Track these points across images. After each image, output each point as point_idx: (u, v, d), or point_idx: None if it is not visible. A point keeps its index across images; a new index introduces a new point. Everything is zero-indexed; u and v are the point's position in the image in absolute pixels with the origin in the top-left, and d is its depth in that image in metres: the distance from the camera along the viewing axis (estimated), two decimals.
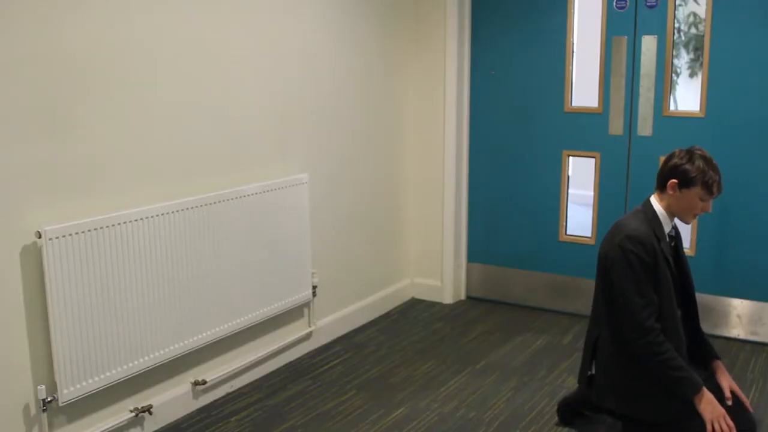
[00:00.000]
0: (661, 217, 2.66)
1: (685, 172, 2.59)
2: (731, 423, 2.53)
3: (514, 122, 4.21)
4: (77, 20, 2.51)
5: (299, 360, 3.60)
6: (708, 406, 2.54)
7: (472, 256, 4.48)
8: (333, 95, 3.71)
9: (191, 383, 3.06)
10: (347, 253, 3.93)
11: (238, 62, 3.15)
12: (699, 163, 2.59)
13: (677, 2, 3.74)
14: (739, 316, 3.79)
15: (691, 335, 2.79)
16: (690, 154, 2.62)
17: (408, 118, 4.32)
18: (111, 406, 2.75)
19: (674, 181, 2.62)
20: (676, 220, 2.75)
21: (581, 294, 4.09)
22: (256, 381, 3.36)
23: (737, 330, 3.81)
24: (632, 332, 2.57)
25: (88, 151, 2.58)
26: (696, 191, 2.59)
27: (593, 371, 2.80)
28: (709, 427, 2.52)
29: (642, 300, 2.55)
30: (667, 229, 2.67)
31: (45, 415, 2.51)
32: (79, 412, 2.64)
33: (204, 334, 3.01)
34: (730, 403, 2.64)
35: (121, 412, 2.79)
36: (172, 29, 2.85)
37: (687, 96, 6.26)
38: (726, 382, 2.71)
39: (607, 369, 2.73)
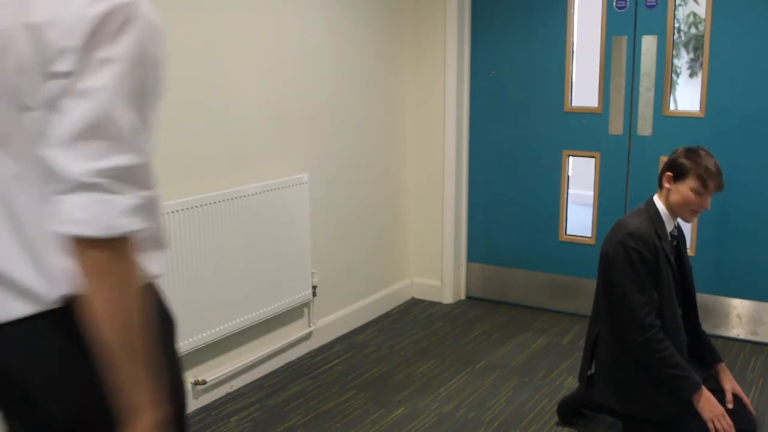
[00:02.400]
0: (663, 216, 2.66)
1: (680, 165, 2.61)
2: (730, 422, 2.53)
3: (514, 122, 4.22)
4: None
5: (299, 360, 3.60)
6: (707, 404, 2.54)
7: (472, 256, 4.48)
8: (333, 95, 3.71)
9: (191, 383, 3.06)
10: (347, 253, 3.93)
11: (238, 62, 3.15)
12: (695, 157, 2.60)
13: (677, 2, 3.74)
14: (739, 316, 3.79)
15: (691, 335, 2.79)
16: (689, 150, 2.64)
17: (408, 118, 4.32)
18: None
19: (669, 174, 2.63)
20: (679, 220, 2.76)
21: (581, 294, 4.09)
22: (256, 381, 3.36)
23: (737, 330, 3.81)
24: (632, 329, 2.57)
25: None
26: (689, 183, 2.60)
27: (593, 370, 2.80)
28: (711, 426, 2.52)
29: (642, 297, 2.55)
30: (669, 227, 2.67)
31: None
32: None
33: (204, 334, 3.01)
34: (731, 406, 2.64)
35: None
36: (171, 29, 2.84)
37: (687, 96, 6.26)
38: (729, 384, 2.71)
39: (606, 367, 2.73)
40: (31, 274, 1.13)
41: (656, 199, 2.70)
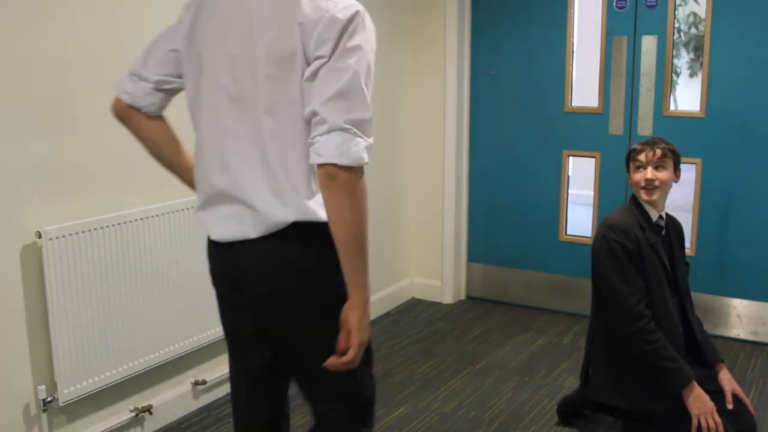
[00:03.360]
0: (645, 207, 2.67)
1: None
2: (719, 420, 2.51)
3: (514, 122, 4.22)
4: (78, 21, 2.51)
5: None
6: (696, 400, 2.53)
7: (472, 256, 4.48)
8: None
9: (191, 383, 3.06)
10: None
11: None
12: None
13: (677, 2, 3.74)
14: (739, 316, 3.79)
15: (684, 327, 2.77)
16: None
17: (408, 117, 4.32)
18: (111, 406, 2.75)
19: (626, 170, 2.74)
20: (670, 213, 2.77)
21: (581, 294, 4.09)
22: None
23: (737, 330, 3.81)
24: (623, 320, 2.57)
25: (88, 151, 2.58)
26: (632, 167, 2.68)
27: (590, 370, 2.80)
28: (695, 421, 2.51)
29: (628, 288, 2.57)
30: (654, 217, 2.68)
31: (45, 415, 2.51)
32: (79, 412, 2.64)
33: (204, 334, 3.01)
34: (731, 407, 2.63)
35: (121, 412, 2.79)
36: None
37: (687, 96, 6.27)
38: (728, 385, 2.70)
39: (600, 362, 2.73)
40: (272, 204, 1.58)
41: None
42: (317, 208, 1.58)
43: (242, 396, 1.83)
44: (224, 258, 1.72)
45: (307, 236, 1.59)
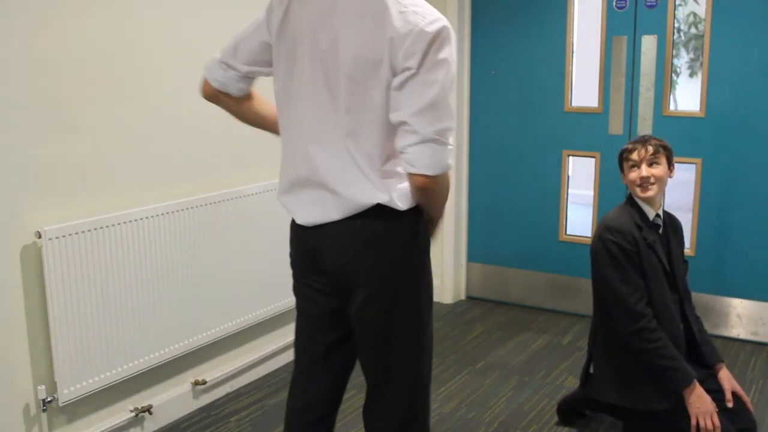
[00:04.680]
0: (642, 205, 2.67)
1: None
2: (717, 422, 2.51)
3: (514, 122, 4.22)
4: (77, 21, 2.51)
5: None
6: (697, 401, 2.52)
7: (472, 256, 4.48)
8: None
9: (191, 383, 3.06)
10: None
11: None
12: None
13: (677, 2, 3.74)
14: (739, 316, 3.79)
15: (683, 325, 2.77)
16: None
17: None
18: (111, 406, 2.75)
19: (620, 171, 2.75)
20: (668, 210, 2.77)
21: (581, 294, 4.09)
22: (256, 381, 3.36)
23: (737, 330, 3.81)
24: (625, 319, 2.57)
25: (88, 151, 2.58)
26: (625, 168, 2.70)
27: (591, 369, 2.80)
28: (693, 421, 2.51)
29: (628, 287, 2.57)
30: (651, 216, 2.68)
31: (45, 415, 2.51)
32: (79, 412, 2.64)
33: (204, 334, 3.01)
34: (731, 405, 2.63)
35: (121, 412, 2.79)
36: (172, 29, 2.85)
37: (687, 96, 6.27)
38: (728, 384, 2.70)
39: (601, 361, 2.73)
40: (353, 189, 1.72)
41: None
42: (394, 196, 1.72)
43: (305, 375, 1.96)
44: (308, 240, 1.85)
45: (386, 215, 1.73)
